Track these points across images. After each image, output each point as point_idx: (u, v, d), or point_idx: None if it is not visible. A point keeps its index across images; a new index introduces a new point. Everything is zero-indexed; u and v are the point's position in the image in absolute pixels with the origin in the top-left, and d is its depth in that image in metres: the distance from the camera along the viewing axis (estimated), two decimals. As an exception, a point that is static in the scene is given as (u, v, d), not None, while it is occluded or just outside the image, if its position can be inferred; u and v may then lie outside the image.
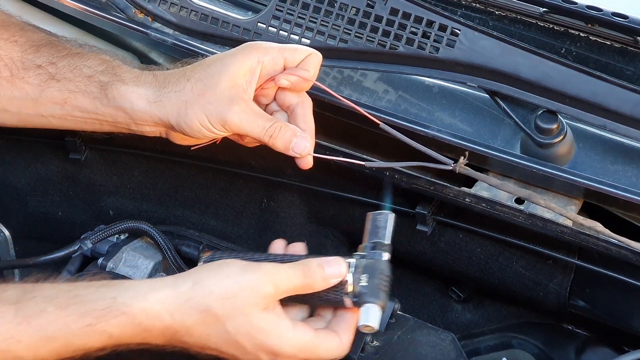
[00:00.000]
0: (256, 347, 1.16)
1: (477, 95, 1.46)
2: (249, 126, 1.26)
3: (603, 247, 1.33)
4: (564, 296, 1.50)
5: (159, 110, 1.29)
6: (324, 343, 1.19)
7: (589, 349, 1.55)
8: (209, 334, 1.15)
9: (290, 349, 1.17)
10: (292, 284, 1.17)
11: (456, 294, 1.69)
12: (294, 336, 1.17)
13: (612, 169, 1.38)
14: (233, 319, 1.14)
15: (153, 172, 1.74)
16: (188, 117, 1.27)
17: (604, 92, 1.32)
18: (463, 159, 1.30)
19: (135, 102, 1.30)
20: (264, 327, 1.15)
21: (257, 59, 1.28)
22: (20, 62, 1.35)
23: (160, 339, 1.16)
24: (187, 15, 1.55)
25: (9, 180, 1.81)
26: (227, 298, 1.14)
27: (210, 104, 1.26)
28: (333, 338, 1.20)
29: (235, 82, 1.26)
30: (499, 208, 1.38)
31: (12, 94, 1.35)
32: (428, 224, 1.50)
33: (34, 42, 1.36)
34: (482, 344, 1.63)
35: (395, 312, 1.42)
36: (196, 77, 1.28)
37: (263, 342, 1.15)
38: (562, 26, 1.45)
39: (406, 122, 1.40)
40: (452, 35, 1.38)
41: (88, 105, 1.33)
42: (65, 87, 1.33)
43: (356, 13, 1.44)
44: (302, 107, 1.30)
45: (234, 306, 1.14)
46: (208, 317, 1.14)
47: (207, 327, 1.15)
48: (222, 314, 1.14)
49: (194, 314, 1.14)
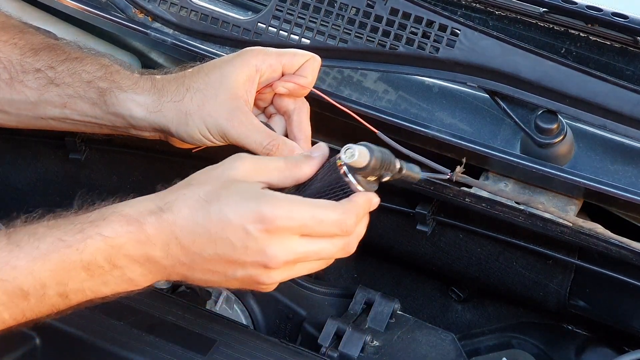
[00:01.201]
0: (240, 216, 1.07)
1: (477, 95, 1.47)
2: (247, 141, 1.26)
3: (603, 247, 1.33)
4: (564, 296, 1.50)
5: (159, 119, 1.29)
6: (325, 208, 1.10)
7: (589, 349, 1.56)
8: (201, 245, 1.08)
9: (288, 220, 1.07)
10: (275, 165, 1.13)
11: (456, 294, 1.69)
12: (288, 199, 1.09)
13: (612, 169, 1.38)
14: (216, 200, 1.08)
15: (153, 172, 1.74)
16: (189, 127, 1.27)
17: (604, 92, 1.32)
18: (460, 167, 1.29)
19: (134, 110, 1.30)
20: (249, 191, 1.09)
21: (255, 68, 1.27)
22: (19, 65, 1.35)
23: (157, 242, 1.09)
24: (187, 15, 1.55)
25: (9, 180, 1.81)
26: (191, 185, 1.11)
27: (210, 117, 1.26)
28: (335, 207, 1.11)
29: (234, 93, 1.26)
30: (499, 208, 1.38)
31: (12, 97, 1.35)
32: (428, 224, 1.50)
33: (33, 45, 1.37)
34: (482, 344, 1.63)
35: (395, 312, 1.43)
36: (195, 87, 1.28)
37: (254, 214, 1.07)
38: (562, 26, 1.45)
39: (406, 122, 1.40)
40: (452, 35, 1.38)
41: (87, 110, 1.33)
42: (64, 92, 1.33)
43: (356, 13, 1.44)
44: (298, 114, 1.30)
45: (207, 189, 1.10)
46: (196, 204, 1.09)
47: (192, 234, 1.08)
48: (207, 199, 1.09)
49: (182, 207, 1.09)
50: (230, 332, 1.32)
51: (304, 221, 1.08)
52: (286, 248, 1.08)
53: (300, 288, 1.52)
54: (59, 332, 1.29)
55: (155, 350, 1.27)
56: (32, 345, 1.29)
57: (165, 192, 1.14)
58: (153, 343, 1.28)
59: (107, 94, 1.31)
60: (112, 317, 1.31)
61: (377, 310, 1.43)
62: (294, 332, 1.50)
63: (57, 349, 1.29)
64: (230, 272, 1.10)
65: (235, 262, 1.09)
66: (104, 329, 1.29)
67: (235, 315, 1.52)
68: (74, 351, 1.28)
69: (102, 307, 1.32)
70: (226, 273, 1.10)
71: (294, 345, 1.33)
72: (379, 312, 1.42)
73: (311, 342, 1.42)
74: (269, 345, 1.31)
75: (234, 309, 1.53)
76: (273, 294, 1.51)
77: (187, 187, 1.13)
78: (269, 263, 1.08)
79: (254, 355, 1.28)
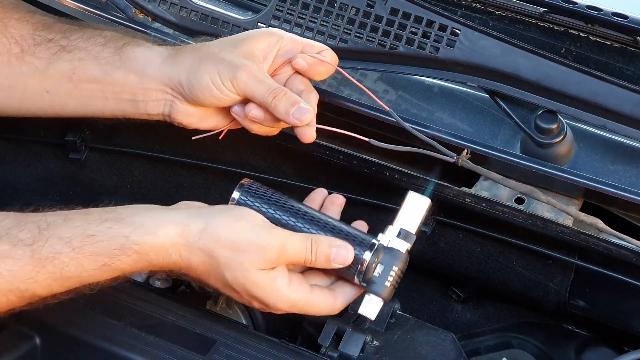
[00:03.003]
0: (250, 296, 1.23)
1: (477, 95, 1.46)
2: (255, 86, 1.28)
3: (603, 247, 1.33)
4: (564, 296, 1.50)
5: (171, 68, 1.31)
6: (318, 300, 1.25)
7: (589, 349, 1.55)
8: (209, 275, 1.22)
9: (282, 304, 1.24)
10: (297, 256, 1.22)
11: (456, 294, 1.69)
12: (288, 293, 1.23)
13: (612, 169, 1.38)
14: (233, 271, 1.20)
15: (153, 172, 1.74)
16: (199, 72, 1.29)
17: (604, 92, 1.32)
18: (466, 152, 1.32)
19: (149, 61, 1.32)
20: (259, 283, 1.21)
21: (276, 39, 1.31)
22: (31, 39, 1.36)
23: (166, 270, 1.23)
24: (187, 15, 1.55)
25: (9, 180, 1.81)
26: (232, 250, 1.19)
27: (224, 61, 1.28)
28: (327, 297, 1.26)
29: (251, 52, 1.29)
30: (499, 208, 1.38)
31: (20, 70, 1.36)
32: (428, 224, 1.50)
33: (45, 21, 1.39)
34: (482, 344, 1.63)
35: (395, 312, 1.42)
36: (214, 43, 1.33)
37: (256, 295, 1.22)
38: (562, 26, 1.45)
39: (406, 122, 1.40)
40: (452, 35, 1.38)
41: (97, 72, 1.34)
42: (76, 57, 1.35)
43: (356, 13, 1.44)
44: (307, 97, 1.31)
45: (236, 260, 1.19)
46: (211, 261, 1.20)
47: (208, 269, 1.21)
48: (224, 262, 1.19)
49: (199, 255, 1.19)
50: (230, 332, 1.32)
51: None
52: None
53: (300, 288, 1.51)
54: (59, 332, 1.29)
55: (155, 350, 1.27)
56: (32, 345, 1.29)
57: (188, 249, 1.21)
58: (153, 343, 1.28)
59: (124, 48, 1.34)
60: (112, 317, 1.31)
61: (377, 310, 1.42)
62: (294, 332, 1.49)
63: (57, 349, 1.29)
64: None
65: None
66: (104, 329, 1.29)
67: (235, 315, 1.52)
68: (74, 351, 1.28)
69: (102, 307, 1.32)
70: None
71: (294, 345, 1.33)
72: (379, 312, 1.42)
73: (311, 342, 1.42)
74: (269, 345, 1.31)
75: (234, 309, 1.52)
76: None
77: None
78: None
79: (254, 355, 1.28)
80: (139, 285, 1.44)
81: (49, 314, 1.29)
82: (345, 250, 1.23)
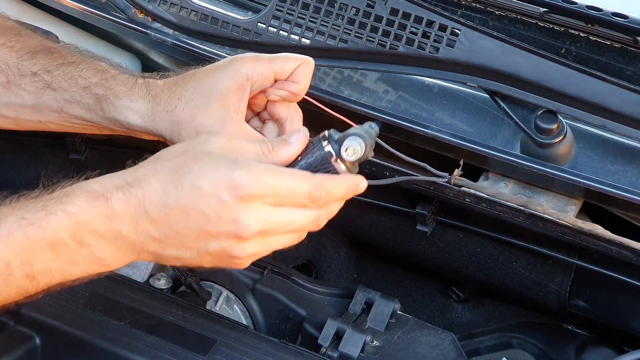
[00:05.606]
0: (214, 185, 1.06)
1: (477, 95, 1.47)
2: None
3: (603, 247, 1.33)
4: (564, 296, 1.50)
5: (153, 127, 1.30)
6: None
7: (589, 349, 1.56)
8: (168, 196, 1.06)
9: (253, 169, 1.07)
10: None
11: (456, 294, 1.69)
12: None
13: (612, 169, 1.38)
14: (188, 172, 1.07)
15: (153, 172, 1.74)
16: (182, 137, 1.27)
17: (604, 92, 1.32)
18: (457, 170, 1.29)
19: (130, 117, 1.30)
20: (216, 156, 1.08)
21: (246, 77, 1.26)
22: (16, 69, 1.35)
23: (125, 217, 1.07)
24: (187, 15, 1.55)
25: (9, 180, 1.81)
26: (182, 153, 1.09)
27: (202, 127, 1.25)
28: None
29: (226, 103, 1.25)
30: (499, 208, 1.38)
31: (9, 100, 1.35)
32: (428, 224, 1.50)
33: (30, 47, 1.36)
34: (482, 344, 1.63)
35: (395, 312, 1.42)
36: (187, 96, 1.27)
37: (220, 175, 1.06)
38: (562, 26, 1.45)
39: (406, 122, 1.40)
40: (452, 35, 1.38)
41: (84, 115, 1.33)
42: (61, 97, 1.33)
43: (356, 13, 1.44)
44: (291, 122, 1.29)
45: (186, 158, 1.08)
46: (167, 176, 1.07)
47: (165, 187, 1.07)
48: (178, 171, 1.07)
49: (151, 181, 1.07)
50: (230, 332, 1.32)
51: (277, 189, 1.06)
52: (259, 217, 1.06)
53: (300, 288, 1.52)
54: (59, 332, 1.29)
55: (155, 350, 1.27)
56: (32, 345, 1.29)
57: (133, 167, 1.11)
58: (153, 343, 1.28)
59: (103, 100, 1.31)
60: (112, 317, 1.31)
61: (377, 310, 1.43)
62: (294, 332, 1.50)
63: (57, 349, 1.29)
64: (203, 246, 1.08)
65: (209, 233, 1.07)
66: (104, 329, 1.29)
67: (235, 315, 1.52)
68: (74, 351, 1.28)
69: (102, 307, 1.32)
70: (199, 247, 1.08)
71: (294, 345, 1.33)
72: (379, 312, 1.42)
73: (311, 342, 1.42)
74: (269, 345, 1.31)
75: (234, 309, 1.53)
76: (273, 294, 1.51)
77: (156, 161, 1.10)
78: (242, 233, 1.06)
79: (254, 355, 1.28)
80: (139, 285, 1.44)
81: (49, 314, 1.29)
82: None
